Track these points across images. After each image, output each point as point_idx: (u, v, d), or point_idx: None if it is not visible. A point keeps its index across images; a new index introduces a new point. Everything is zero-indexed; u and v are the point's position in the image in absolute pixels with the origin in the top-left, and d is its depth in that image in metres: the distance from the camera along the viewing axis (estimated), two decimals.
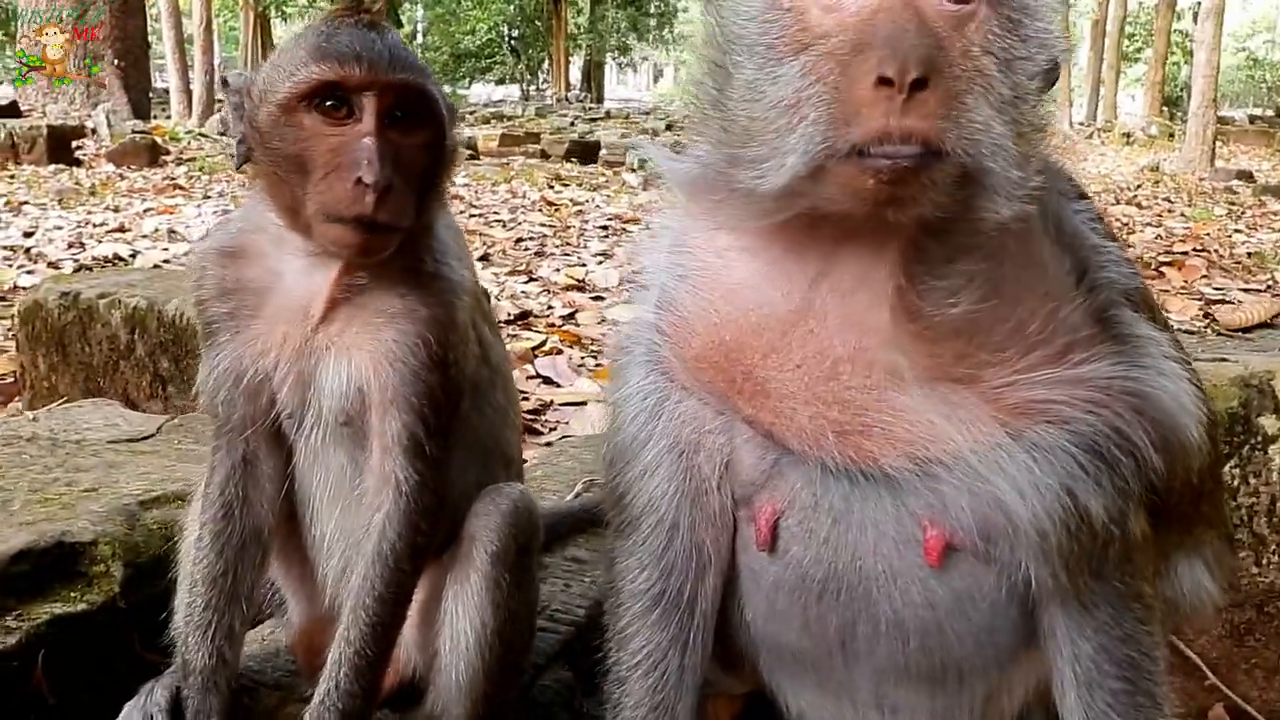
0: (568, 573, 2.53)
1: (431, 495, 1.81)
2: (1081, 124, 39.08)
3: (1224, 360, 3.08)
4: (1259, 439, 2.89)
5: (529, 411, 4.97)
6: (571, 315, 6.92)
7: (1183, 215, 13.63)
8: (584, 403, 4.95)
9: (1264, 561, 2.94)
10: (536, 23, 57.33)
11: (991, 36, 1.29)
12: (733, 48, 1.37)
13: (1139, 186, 18.75)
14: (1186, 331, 3.81)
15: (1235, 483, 2.92)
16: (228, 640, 1.91)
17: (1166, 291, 7.79)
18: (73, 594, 2.12)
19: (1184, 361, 1.46)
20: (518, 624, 1.86)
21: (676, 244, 1.57)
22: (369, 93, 1.68)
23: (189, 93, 26.26)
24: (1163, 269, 8.78)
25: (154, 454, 2.81)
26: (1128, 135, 34.14)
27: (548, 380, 5.44)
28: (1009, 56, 1.30)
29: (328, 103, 1.68)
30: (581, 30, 60.21)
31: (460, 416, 1.87)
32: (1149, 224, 12.41)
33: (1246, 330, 3.83)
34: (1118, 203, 15.17)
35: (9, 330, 5.79)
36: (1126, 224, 12.24)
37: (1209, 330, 3.84)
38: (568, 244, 9.86)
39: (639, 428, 1.56)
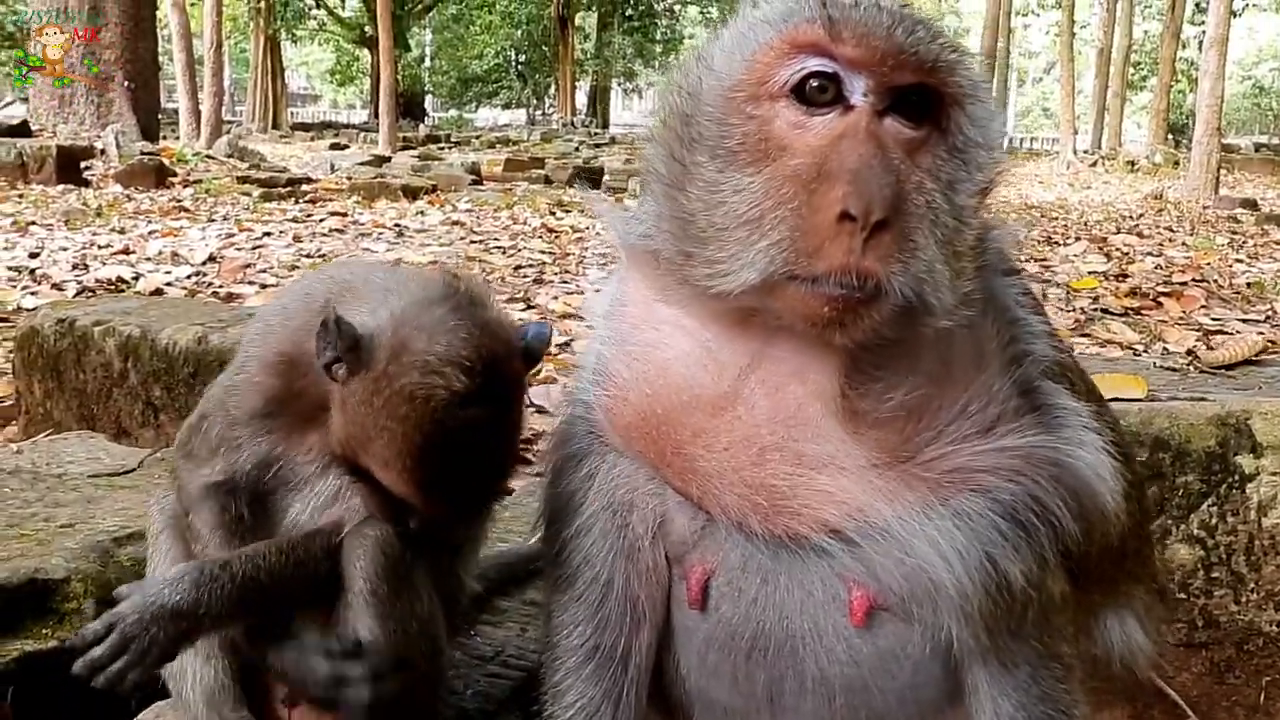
0: (525, 617, 2.53)
1: None
2: (1086, 151, 39.19)
3: (1203, 399, 3.09)
4: (1236, 478, 2.90)
5: (520, 441, 4.97)
6: (567, 344, 6.93)
7: (1184, 244, 13.61)
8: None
9: (1242, 600, 2.94)
10: (543, 48, 57.71)
11: (939, 163, 1.36)
12: (694, 145, 1.40)
13: (1142, 215, 18.75)
14: (1169, 369, 3.80)
15: (1213, 521, 2.93)
16: None
17: (1164, 322, 7.79)
18: (44, 631, 2.15)
19: (1103, 432, 1.49)
20: (407, 635, 1.87)
21: (615, 309, 1.61)
22: None
23: (198, 114, 26.47)
24: (1161, 299, 8.78)
25: (133, 489, 2.84)
26: (1132, 163, 34.23)
27: (540, 409, 5.44)
28: (953, 180, 1.37)
29: None
30: (588, 56, 60.56)
31: None
32: (1150, 253, 12.39)
33: (1230, 367, 3.81)
34: (1119, 232, 15.17)
35: (9, 354, 5.84)
36: (1127, 253, 12.24)
37: (1192, 367, 3.83)
38: (566, 271, 9.88)
39: (575, 488, 1.60)
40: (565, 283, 9.23)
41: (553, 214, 14.70)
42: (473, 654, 2.35)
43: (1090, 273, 10.24)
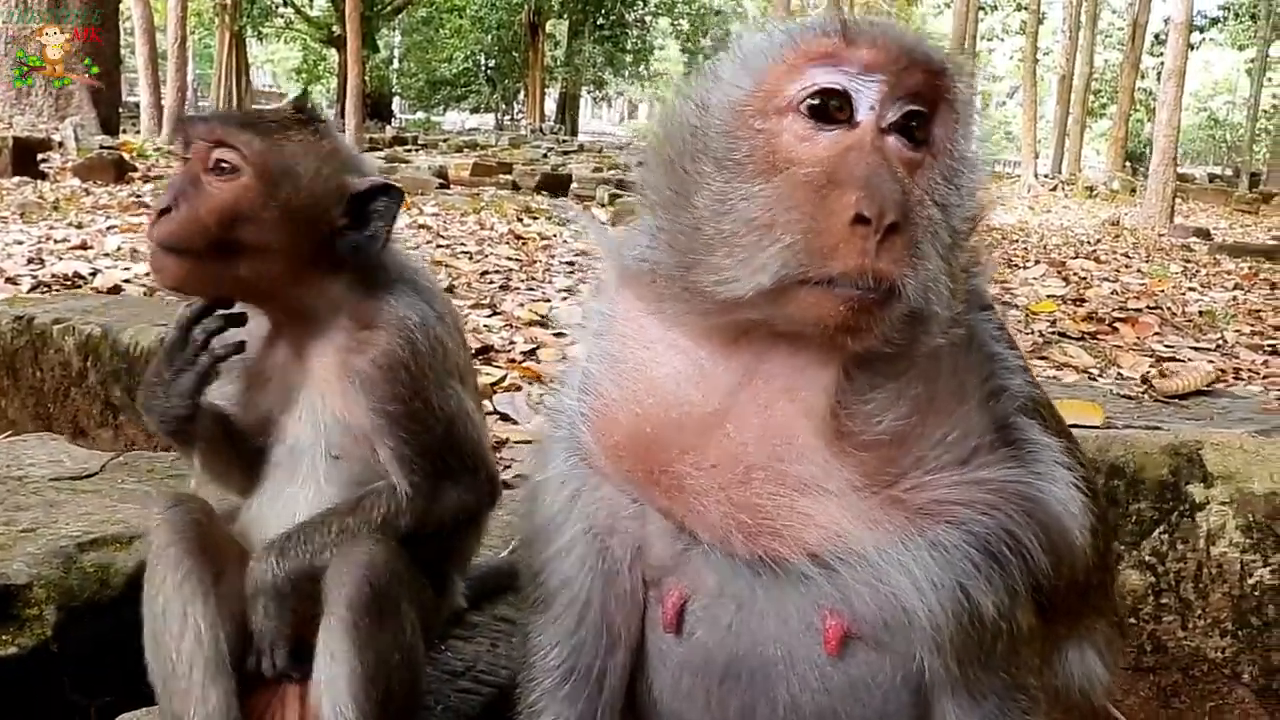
0: (496, 633, 2.53)
1: None
2: (1047, 176, 39.82)
3: (1157, 428, 3.17)
4: (1187, 506, 2.96)
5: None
6: (533, 351, 6.91)
7: (1140, 271, 13.88)
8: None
9: (1190, 626, 3.00)
10: (513, 54, 57.51)
11: (935, 184, 1.39)
12: (700, 157, 1.42)
13: (1099, 240, 19.08)
14: (1125, 396, 3.89)
15: (1164, 548, 2.99)
16: None
17: (1120, 348, 7.94)
18: (4, 637, 2.13)
19: (1074, 468, 1.53)
20: (387, 666, 1.91)
21: (604, 328, 1.61)
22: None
23: (160, 108, 26.10)
24: (1117, 325, 8.95)
25: (95, 493, 2.81)
26: (1091, 189, 34.84)
27: (505, 417, 5.42)
28: (947, 203, 1.40)
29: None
30: (558, 63, 60.53)
31: None
32: (1106, 279, 12.62)
33: (1183, 396, 3.92)
34: (1077, 256, 15.43)
35: None
36: (1084, 278, 12.45)
37: (1146, 396, 3.93)
38: (533, 279, 9.88)
39: (556, 510, 1.61)
40: (532, 289, 9.23)
41: (520, 220, 14.67)
42: (444, 669, 2.35)
43: (1049, 296, 10.42)
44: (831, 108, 1.36)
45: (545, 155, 32.31)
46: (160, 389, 1.98)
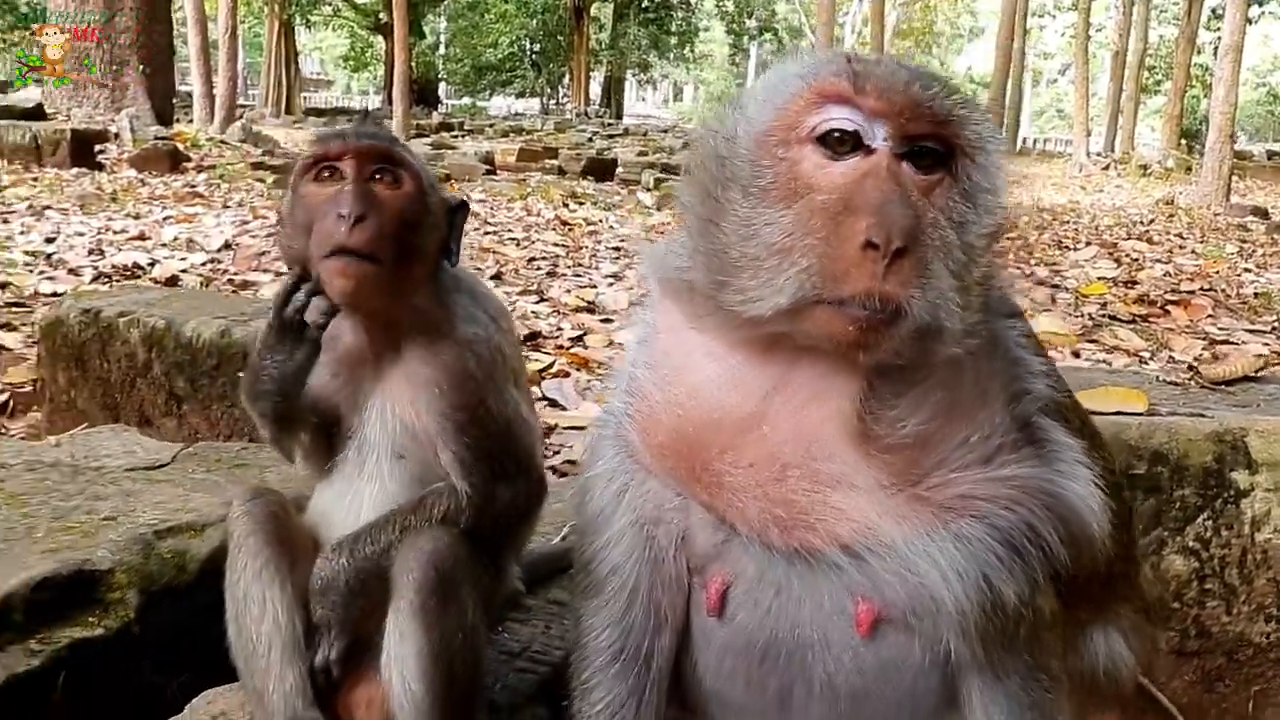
0: (549, 615, 2.63)
1: None
2: (1099, 154, 39.09)
3: (1201, 415, 3.17)
4: (1231, 493, 2.98)
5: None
6: (580, 338, 7.00)
7: (1194, 252, 13.63)
8: (588, 427, 5.00)
9: (1234, 611, 3.02)
10: (558, 38, 57.55)
11: (951, 204, 1.48)
12: (729, 184, 1.52)
13: (1152, 221, 18.72)
14: (1171, 383, 3.87)
15: (1208, 534, 3.01)
16: None
17: (1171, 330, 7.84)
18: (90, 619, 2.25)
19: (1094, 466, 1.60)
20: (451, 646, 2.02)
21: (649, 336, 1.72)
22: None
23: (212, 98, 26.53)
24: (1169, 307, 8.83)
25: (168, 483, 2.94)
26: (1144, 167, 34.15)
27: (554, 403, 5.52)
28: (963, 221, 1.49)
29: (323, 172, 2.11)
30: (603, 46, 60.45)
31: None
32: (1159, 260, 12.43)
33: (1229, 383, 3.88)
34: (1129, 237, 15.18)
35: (29, 339, 5.94)
36: (1137, 260, 12.27)
37: (1192, 382, 3.90)
38: (579, 264, 9.97)
39: (606, 503, 1.72)
40: (579, 275, 9.31)
41: (566, 206, 14.76)
42: (501, 650, 2.45)
43: (1100, 278, 10.30)
44: (847, 138, 1.45)
45: (590, 139, 32.37)
46: (274, 368, 2.11)
